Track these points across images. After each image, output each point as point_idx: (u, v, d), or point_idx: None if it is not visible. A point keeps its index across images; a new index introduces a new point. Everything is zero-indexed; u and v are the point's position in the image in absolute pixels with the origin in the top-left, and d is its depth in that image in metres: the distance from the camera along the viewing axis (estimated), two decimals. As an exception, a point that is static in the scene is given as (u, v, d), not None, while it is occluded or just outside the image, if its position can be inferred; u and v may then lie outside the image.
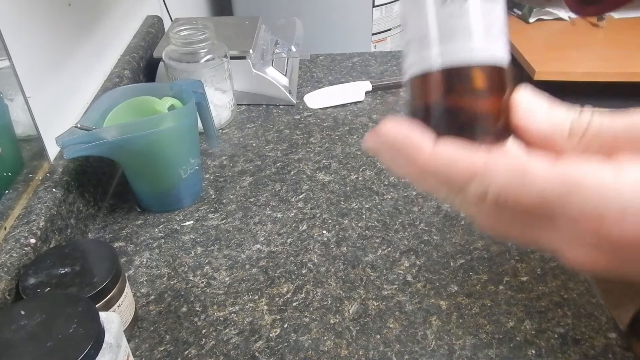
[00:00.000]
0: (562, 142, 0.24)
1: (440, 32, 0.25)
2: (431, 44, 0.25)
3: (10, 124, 0.60)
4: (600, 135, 0.24)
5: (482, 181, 0.23)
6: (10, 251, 0.53)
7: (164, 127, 0.64)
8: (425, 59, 0.25)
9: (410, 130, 0.25)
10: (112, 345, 0.41)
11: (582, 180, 0.21)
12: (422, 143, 0.24)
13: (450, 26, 0.25)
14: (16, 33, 0.61)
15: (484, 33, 0.25)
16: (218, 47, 0.84)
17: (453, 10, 0.25)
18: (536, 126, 0.25)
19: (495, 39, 0.25)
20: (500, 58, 0.25)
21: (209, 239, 0.67)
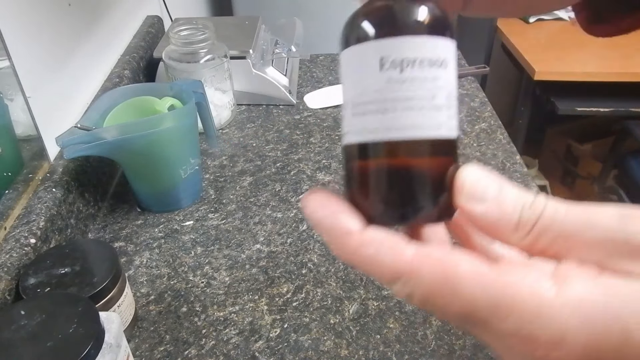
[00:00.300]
0: (509, 233, 0.21)
1: (376, 99, 0.22)
2: (366, 112, 0.23)
3: (10, 124, 0.60)
4: (552, 229, 0.20)
5: (406, 283, 0.20)
6: (10, 251, 0.53)
7: (164, 127, 0.64)
8: (359, 129, 0.23)
9: (337, 211, 0.22)
10: (112, 345, 0.41)
11: (518, 295, 0.19)
12: (348, 228, 0.22)
13: (388, 94, 0.22)
14: (16, 33, 0.61)
15: (426, 103, 0.22)
16: (218, 47, 0.84)
17: (392, 75, 0.22)
18: (481, 211, 0.21)
19: (438, 110, 0.22)
20: (443, 131, 0.23)
21: (209, 239, 0.67)
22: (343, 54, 0.24)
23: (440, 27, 0.23)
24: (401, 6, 0.23)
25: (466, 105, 0.94)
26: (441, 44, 0.23)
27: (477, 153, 0.81)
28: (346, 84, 0.24)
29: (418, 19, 0.23)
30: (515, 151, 0.81)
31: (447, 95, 0.23)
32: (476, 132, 0.86)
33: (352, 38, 0.24)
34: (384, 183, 0.23)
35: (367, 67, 0.23)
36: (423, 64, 0.22)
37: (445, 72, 0.23)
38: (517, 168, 0.77)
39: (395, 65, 0.22)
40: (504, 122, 0.90)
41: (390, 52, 0.22)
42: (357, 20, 0.24)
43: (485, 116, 0.91)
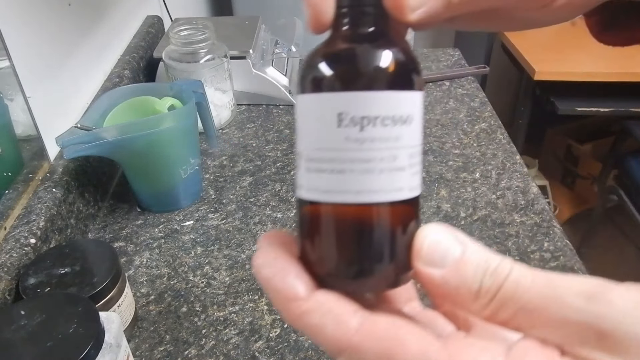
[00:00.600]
0: (469, 302, 0.19)
1: (332, 158, 0.21)
2: (321, 170, 0.21)
3: (10, 124, 0.60)
4: (514, 302, 0.19)
5: (349, 358, 0.19)
6: (10, 251, 0.53)
7: (164, 127, 0.64)
8: (314, 186, 0.21)
9: (286, 271, 0.21)
10: (112, 345, 0.41)
11: None
12: (295, 293, 0.20)
13: (345, 154, 0.20)
14: (16, 33, 0.61)
15: (386, 165, 0.20)
16: (218, 47, 0.84)
17: (350, 134, 0.20)
18: (439, 277, 0.20)
19: (399, 172, 0.21)
20: (404, 193, 0.21)
21: (209, 239, 0.67)
22: (299, 99, 0.22)
23: (408, 79, 0.21)
24: (365, 53, 0.21)
25: (466, 105, 0.94)
26: (407, 98, 0.21)
27: (477, 153, 0.81)
28: (301, 132, 0.22)
29: (383, 72, 0.21)
30: (515, 151, 0.81)
31: (410, 154, 0.21)
32: (476, 132, 0.86)
33: (309, 85, 0.21)
34: (336, 246, 0.21)
35: (324, 121, 0.21)
36: (385, 122, 0.20)
37: (410, 129, 0.21)
38: (517, 168, 0.77)
39: (354, 123, 0.20)
40: (504, 122, 0.90)
41: (350, 109, 0.20)
42: (315, 65, 0.21)
43: (485, 116, 0.91)
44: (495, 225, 0.67)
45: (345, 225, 0.21)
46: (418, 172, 0.22)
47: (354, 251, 0.21)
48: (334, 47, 0.22)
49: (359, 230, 0.21)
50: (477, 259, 0.20)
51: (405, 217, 0.21)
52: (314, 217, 0.22)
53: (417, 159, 0.22)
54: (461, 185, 0.74)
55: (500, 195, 0.72)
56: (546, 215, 0.68)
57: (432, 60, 1.10)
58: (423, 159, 0.83)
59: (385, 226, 0.21)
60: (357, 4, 0.22)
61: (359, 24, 0.22)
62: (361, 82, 0.20)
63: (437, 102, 0.95)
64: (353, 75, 0.20)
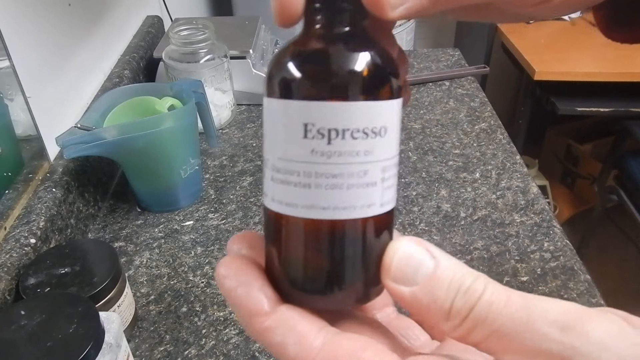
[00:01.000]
0: (441, 321, 0.18)
1: (298, 170, 0.19)
2: (287, 182, 0.19)
3: (10, 124, 0.60)
4: (486, 324, 0.18)
5: None
6: (10, 251, 0.53)
7: (164, 127, 0.64)
8: (279, 198, 0.20)
9: (250, 284, 0.20)
10: (112, 345, 0.41)
11: None
12: (258, 308, 0.19)
13: (311, 167, 0.19)
14: (16, 33, 0.61)
15: (356, 181, 0.19)
16: (218, 47, 0.84)
17: (317, 147, 0.19)
18: (410, 295, 0.19)
19: (370, 187, 0.19)
20: (374, 209, 0.20)
21: (209, 239, 0.67)
22: (265, 101, 0.20)
23: (382, 88, 0.19)
24: (335, 59, 0.19)
25: (466, 105, 0.94)
26: (381, 108, 0.19)
27: (477, 153, 0.81)
28: (266, 137, 0.20)
29: (354, 80, 0.19)
30: (515, 151, 0.81)
31: (382, 168, 0.19)
32: (476, 132, 0.86)
33: (274, 89, 0.20)
34: (302, 261, 0.20)
35: (289, 130, 0.19)
36: (355, 135, 0.19)
37: (383, 141, 0.19)
38: (517, 168, 0.77)
39: (321, 135, 0.18)
40: (504, 122, 0.90)
41: (316, 120, 0.18)
42: (281, 67, 0.19)
43: (485, 116, 0.91)
44: (495, 225, 0.67)
45: (311, 240, 0.20)
46: (392, 185, 0.20)
47: (320, 266, 0.20)
48: (302, 48, 0.20)
49: (326, 246, 0.20)
50: (450, 276, 0.18)
51: (376, 232, 0.20)
52: (279, 229, 0.20)
53: (392, 172, 0.20)
54: (461, 185, 0.74)
55: (500, 195, 0.72)
56: (546, 215, 0.68)
57: (432, 60, 1.10)
58: (423, 159, 0.83)
59: (354, 242, 0.20)
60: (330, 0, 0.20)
61: (331, 22, 0.20)
62: (329, 91, 0.19)
63: (437, 102, 0.95)
64: (320, 83, 0.19)
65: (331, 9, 0.20)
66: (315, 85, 0.19)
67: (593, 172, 1.97)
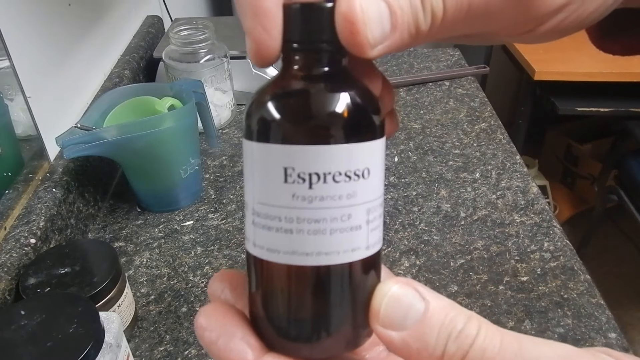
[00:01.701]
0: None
1: (279, 215, 0.18)
2: (269, 227, 0.19)
3: (10, 124, 0.60)
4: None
5: None
6: (10, 251, 0.53)
7: (164, 127, 0.64)
8: (261, 243, 0.19)
9: (233, 333, 0.19)
10: (112, 345, 0.41)
11: None
12: (242, 355, 0.19)
13: (292, 212, 0.18)
14: (16, 33, 0.61)
15: (339, 225, 0.18)
16: (218, 47, 0.84)
17: (297, 191, 0.18)
18: (399, 340, 0.18)
19: (354, 231, 0.19)
20: (360, 253, 0.19)
21: (209, 239, 0.67)
22: (244, 143, 0.20)
23: (364, 129, 0.19)
24: (314, 100, 0.19)
25: (466, 105, 0.94)
26: (363, 150, 0.18)
27: (477, 153, 0.81)
28: (247, 180, 0.20)
29: (334, 123, 0.18)
30: (515, 151, 0.81)
31: (367, 209, 0.19)
32: (476, 132, 0.86)
33: (251, 131, 0.19)
34: (286, 308, 0.19)
35: (269, 174, 0.18)
36: (337, 179, 0.18)
37: (367, 183, 0.19)
38: (517, 168, 0.77)
39: (302, 180, 0.18)
40: (504, 122, 0.90)
41: (296, 164, 0.18)
42: (258, 110, 0.19)
43: (485, 116, 0.91)
44: (495, 225, 0.67)
45: (295, 286, 0.19)
46: (378, 226, 0.20)
47: (305, 313, 0.19)
48: (279, 90, 0.19)
49: (310, 292, 0.19)
50: (440, 319, 0.18)
51: (362, 276, 0.19)
52: (261, 274, 0.20)
53: (377, 213, 0.19)
54: (461, 185, 0.74)
55: (500, 195, 0.72)
56: (546, 215, 0.68)
57: (432, 60, 1.10)
58: (423, 159, 0.83)
59: (340, 287, 0.19)
60: (308, 40, 0.19)
61: (310, 62, 0.19)
62: (308, 135, 0.18)
63: (437, 102, 0.95)
64: (299, 127, 0.18)
65: (309, 49, 0.19)
66: (294, 129, 0.18)
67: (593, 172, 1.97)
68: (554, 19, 0.19)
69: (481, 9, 0.18)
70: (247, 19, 0.18)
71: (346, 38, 0.18)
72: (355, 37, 0.17)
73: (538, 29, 0.20)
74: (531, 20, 0.19)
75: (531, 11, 0.19)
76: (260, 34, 0.18)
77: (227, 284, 0.21)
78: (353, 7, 0.17)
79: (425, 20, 0.18)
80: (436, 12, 0.18)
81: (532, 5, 0.18)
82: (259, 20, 0.18)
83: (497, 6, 0.18)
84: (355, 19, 0.17)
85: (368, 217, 0.19)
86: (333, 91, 0.19)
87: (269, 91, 0.19)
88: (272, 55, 0.19)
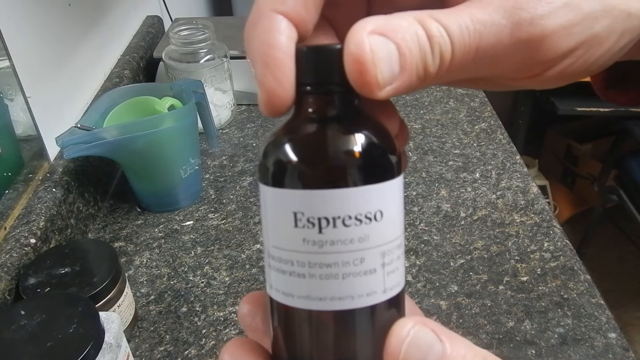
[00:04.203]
0: None
1: (292, 259, 0.18)
2: (283, 271, 0.19)
3: (10, 124, 0.60)
4: None
5: None
6: (10, 251, 0.53)
7: (164, 127, 0.64)
8: (277, 287, 0.19)
9: None
10: (112, 345, 0.41)
11: None
12: None
13: (304, 257, 0.18)
14: (16, 33, 0.61)
15: (352, 270, 0.18)
16: (218, 47, 0.84)
17: (308, 236, 0.18)
18: None
19: (369, 275, 0.18)
20: (376, 297, 0.19)
21: (209, 239, 0.67)
22: (259, 187, 0.20)
23: (376, 170, 0.18)
24: (324, 142, 0.18)
25: (466, 105, 0.94)
26: (375, 192, 0.18)
27: (477, 153, 0.81)
28: (263, 224, 0.20)
29: (343, 167, 0.18)
30: (515, 151, 0.81)
31: (382, 252, 0.18)
32: (476, 132, 0.86)
33: (263, 176, 0.19)
34: (302, 351, 0.19)
35: (280, 218, 0.18)
36: (348, 223, 0.18)
37: (380, 225, 0.18)
38: (517, 168, 0.77)
39: (311, 224, 0.18)
40: (504, 122, 0.90)
41: (305, 209, 0.18)
42: (268, 154, 0.19)
43: (485, 116, 0.91)
44: (495, 225, 0.67)
45: (311, 330, 0.19)
46: (396, 269, 0.19)
47: (323, 357, 0.19)
48: (287, 135, 0.19)
49: (328, 336, 0.19)
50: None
51: (380, 320, 0.19)
52: (279, 316, 0.20)
53: (395, 255, 0.19)
54: (461, 185, 0.74)
55: (500, 195, 0.72)
56: (546, 215, 0.68)
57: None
58: (423, 159, 0.83)
59: (357, 332, 0.19)
60: (319, 82, 0.19)
61: (319, 105, 0.19)
62: (314, 179, 0.18)
63: (437, 102, 0.95)
64: (306, 172, 0.18)
65: (320, 92, 0.19)
66: (299, 174, 0.18)
67: (593, 172, 1.97)
68: (560, 64, 0.19)
69: (489, 52, 0.18)
70: (258, 69, 0.18)
71: (355, 78, 0.18)
72: (364, 77, 0.17)
73: (545, 73, 0.20)
74: (538, 64, 0.19)
75: (538, 55, 0.19)
76: (271, 84, 0.18)
77: (261, 310, 0.21)
78: (362, 48, 0.17)
79: (433, 62, 0.18)
80: (444, 54, 0.18)
81: (539, 49, 0.18)
82: (270, 71, 0.18)
83: (504, 49, 0.18)
84: (364, 58, 0.17)
85: (383, 260, 0.19)
86: (342, 134, 0.19)
87: (279, 136, 0.19)
88: (284, 105, 0.19)
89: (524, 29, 0.18)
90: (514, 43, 0.18)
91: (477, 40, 0.18)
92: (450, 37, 0.18)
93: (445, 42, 0.18)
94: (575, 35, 0.18)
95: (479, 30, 0.18)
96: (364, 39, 0.17)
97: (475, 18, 0.18)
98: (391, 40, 0.17)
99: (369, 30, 0.17)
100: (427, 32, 0.18)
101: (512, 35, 0.18)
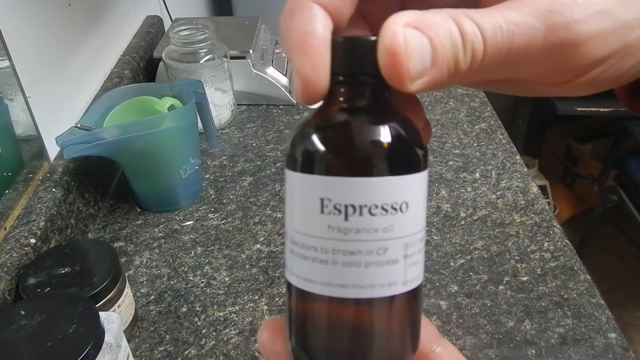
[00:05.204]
0: None
1: (316, 245, 0.19)
2: (306, 257, 0.19)
3: (10, 124, 0.60)
4: None
5: None
6: (10, 251, 0.53)
7: (164, 127, 0.64)
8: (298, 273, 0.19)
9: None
10: (112, 345, 0.41)
11: None
12: None
13: (328, 244, 0.18)
14: (16, 33, 0.61)
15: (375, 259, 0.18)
16: (218, 47, 0.84)
17: (333, 223, 0.18)
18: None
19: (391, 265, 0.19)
20: (397, 287, 0.19)
21: (209, 239, 0.67)
22: (285, 172, 0.20)
23: (403, 162, 0.19)
24: (352, 131, 0.19)
25: (466, 105, 0.94)
26: (401, 183, 0.18)
27: (477, 153, 0.81)
28: (287, 208, 0.20)
29: (372, 155, 0.18)
30: (515, 151, 0.81)
31: (405, 244, 0.19)
32: (476, 132, 0.86)
33: (291, 161, 0.19)
34: (321, 339, 0.20)
35: (306, 204, 0.19)
36: (374, 212, 0.18)
37: (405, 217, 0.19)
38: (517, 168, 0.77)
39: (338, 211, 0.18)
40: (504, 122, 0.90)
41: (332, 195, 0.18)
42: (298, 141, 0.19)
43: (485, 116, 0.91)
44: (495, 225, 0.67)
45: (330, 317, 0.19)
46: (418, 261, 0.19)
47: (340, 345, 0.19)
48: (319, 123, 0.20)
49: (345, 324, 0.19)
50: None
51: (399, 312, 0.19)
52: (298, 303, 0.20)
53: (417, 248, 0.19)
54: (461, 185, 0.74)
55: (500, 195, 0.72)
56: (546, 215, 0.68)
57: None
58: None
59: (375, 321, 0.19)
60: (352, 73, 0.19)
61: (352, 95, 0.19)
62: (344, 167, 0.18)
63: (437, 102, 0.95)
64: (335, 159, 0.18)
65: (353, 82, 0.19)
66: (330, 161, 0.18)
67: (593, 172, 1.97)
68: (592, 71, 0.19)
69: (521, 54, 0.18)
70: (295, 57, 0.18)
71: (388, 70, 0.18)
72: (396, 68, 0.18)
73: (575, 80, 0.20)
74: (570, 70, 0.19)
75: (571, 61, 0.18)
76: (308, 72, 0.18)
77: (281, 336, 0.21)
78: (396, 39, 0.17)
79: (465, 59, 0.18)
80: (476, 52, 0.18)
81: (572, 55, 0.18)
82: (307, 59, 0.18)
83: (537, 52, 0.18)
84: (397, 50, 0.17)
85: (406, 251, 0.19)
86: (372, 124, 0.19)
87: (308, 123, 0.20)
88: (319, 93, 0.19)
89: (558, 33, 0.18)
90: (546, 46, 0.18)
91: (509, 41, 0.18)
92: (483, 36, 0.18)
93: (478, 40, 0.18)
94: (609, 43, 0.18)
95: (512, 30, 0.18)
96: (399, 30, 0.17)
97: (509, 19, 0.18)
98: (425, 34, 0.18)
99: (404, 22, 0.18)
100: (460, 29, 0.18)
101: (545, 38, 0.18)
